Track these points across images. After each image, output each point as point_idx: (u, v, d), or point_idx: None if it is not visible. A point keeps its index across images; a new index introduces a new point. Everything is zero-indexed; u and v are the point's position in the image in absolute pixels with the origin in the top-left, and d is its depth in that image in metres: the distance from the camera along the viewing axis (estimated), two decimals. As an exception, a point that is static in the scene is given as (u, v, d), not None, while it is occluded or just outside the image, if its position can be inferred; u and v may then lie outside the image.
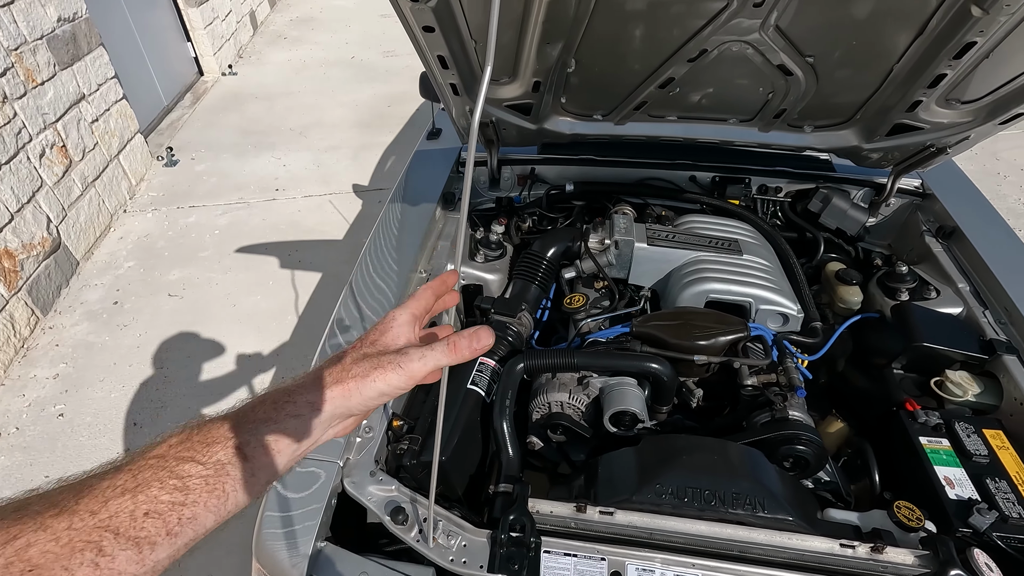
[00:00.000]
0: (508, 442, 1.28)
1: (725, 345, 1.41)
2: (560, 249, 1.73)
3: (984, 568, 1.03)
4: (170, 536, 0.46)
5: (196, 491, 0.49)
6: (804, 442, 1.24)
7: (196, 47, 5.93)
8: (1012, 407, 1.33)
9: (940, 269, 1.64)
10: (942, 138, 1.52)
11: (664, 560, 1.06)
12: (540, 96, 1.59)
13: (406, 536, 1.11)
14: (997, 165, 4.46)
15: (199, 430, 0.52)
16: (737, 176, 1.93)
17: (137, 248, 3.65)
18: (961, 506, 1.14)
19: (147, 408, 2.60)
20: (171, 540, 0.46)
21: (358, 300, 1.53)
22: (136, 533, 0.45)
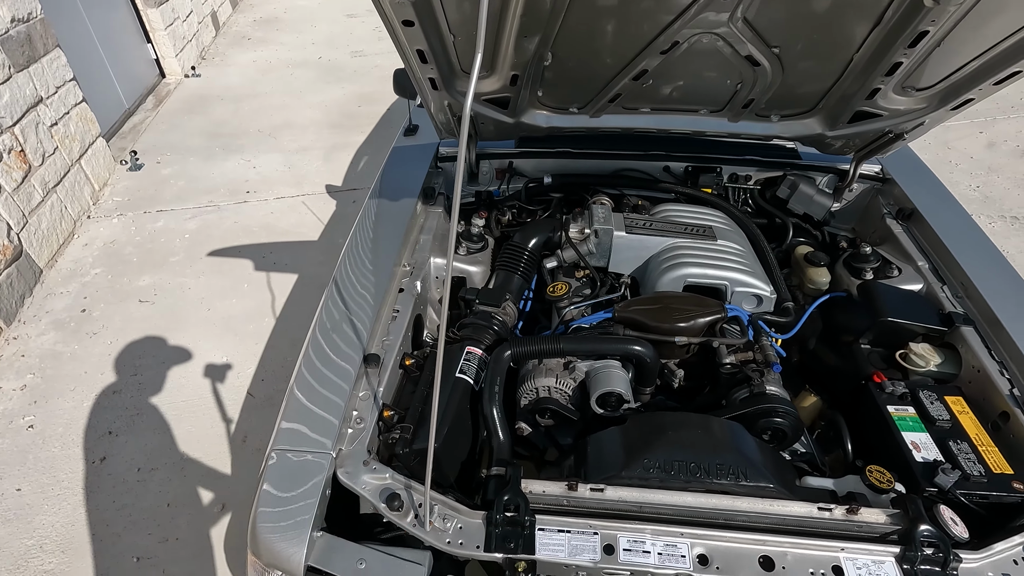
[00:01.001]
0: (498, 426, 1.31)
1: (704, 326, 1.47)
2: (541, 240, 1.77)
3: (950, 522, 1.10)
4: None
5: None
6: (781, 415, 1.30)
7: (157, 48, 5.78)
8: (970, 374, 1.41)
9: (901, 249, 1.73)
10: (899, 124, 1.61)
11: (654, 531, 1.10)
12: (518, 90, 1.62)
13: (402, 522, 1.13)
14: (949, 154, 4.67)
15: None
16: (709, 165, 1.99)
17: (104, 254, 3.55)
18: (927, 468, 1.22)
19: (122, 416, 2.53)
20: None
21: (343, 295, 1.53)
22: None
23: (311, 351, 1.39)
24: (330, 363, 1.35)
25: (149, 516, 2.15)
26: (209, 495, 2.22)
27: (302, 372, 1.34)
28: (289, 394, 1.30)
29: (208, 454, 2.37)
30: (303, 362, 1.37)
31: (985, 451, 1.25)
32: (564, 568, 1.10)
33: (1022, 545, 1.07)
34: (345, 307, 1.49)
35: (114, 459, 2.36)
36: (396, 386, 1.44)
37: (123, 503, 2.20)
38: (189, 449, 2.40)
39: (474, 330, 1.53)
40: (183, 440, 2.43)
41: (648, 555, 1.08)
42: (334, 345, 1.39)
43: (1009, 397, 1.30)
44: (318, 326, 1.44)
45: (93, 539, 2.09)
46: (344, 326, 1.44)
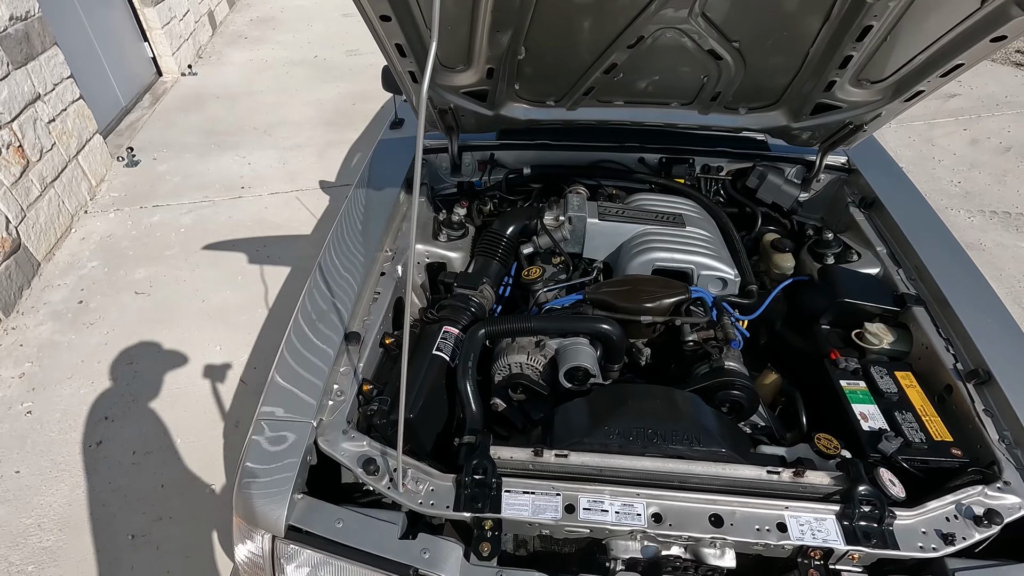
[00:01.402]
0: (471, 399, 1.38)
1: (669, 307, 1.54)
2: (519, 227, 1.84)
3: (888, 483, 1.18)
4: None
5: None
6: (739, 387, 1.38)
7: (154, 47, 5.86)
8: (920, 351, 1.49)
9: (862, 235, 1.81)
10: (858, 116, 1.68)
11: (613, 492, 1.18)
12: (495, 83, 1.70)
13: (378, 484, 1.20)
14: (933, 151, 4.76)
15: None
16: (682, 157, 2.07)
17: (100, 248, 3.63)
18: (873, 436, 1.29)
19: (118, 403, 2.61)
20: None
21: (327, 278, 1.60)
22: None
23: (295, 331, 1.46)
24: (313, 341, 1.43)
25: (144, 497, 2.23)
26: (202, 477, 2.30)
27: (286, 350, 1.42)
28: (274, 370, 1.37)
29: (201, 438, 2.45)
30: (287, 341, 1.44)
31: (928, 421, 1.32)
32: (528, 526, 1.18)
33: (955, 504, 1.15)
34: (328, 289, 1.57)
35: (110, 443, 2.44)
36: (376, 363, 1.51)
37: (118, 484, 2.28)
38: (183, 434, 2.47)
39: (452, 311, 1.60)
40: (177, 425, 2.51)
41: (606, 514, 1.15)
42: (317, 324, 1.47)
43: (953, 371, 1.38)
44: (302, 307, 1.52)
45: (90, 518, 2.17)
46: (327, 307, 1.51)
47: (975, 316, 1.45)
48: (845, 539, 1.10)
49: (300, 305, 1.52)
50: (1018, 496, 1.15)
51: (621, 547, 1.16)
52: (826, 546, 1.10)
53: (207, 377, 2.72)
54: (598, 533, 1.17)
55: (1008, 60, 6.53)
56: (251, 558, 1.22)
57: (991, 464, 1.21)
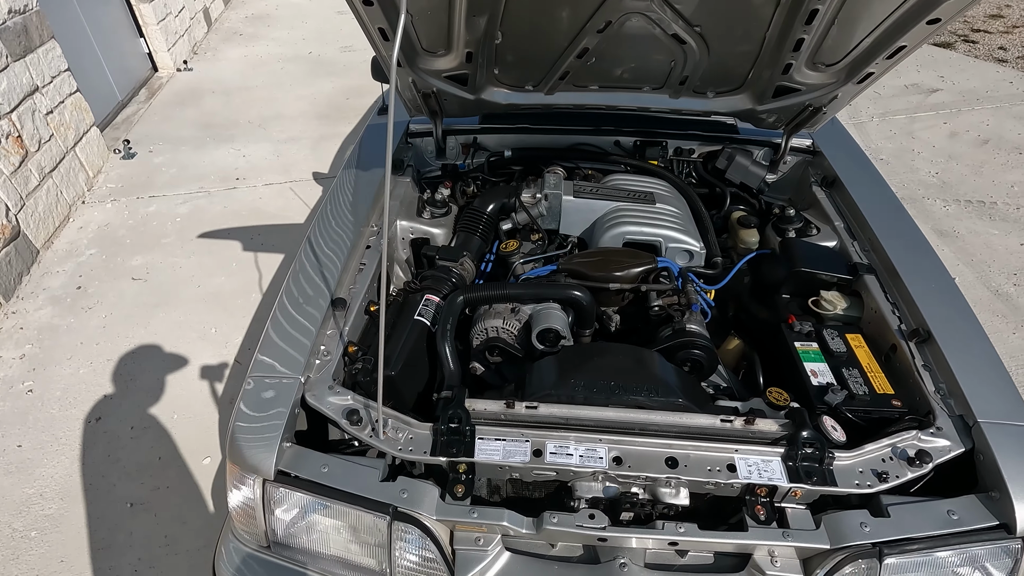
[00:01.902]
0: (449, 358, 1.48)
1: (638, 275, 1.65)
2: (498, 204, 1.94)
3: (830, 429, 1.29)
4: None
5: None
6: (699, 347, 1.48)
7: (149, 43, 5.93)
8: (870, 315, 1.60)
9: (823, 212, 1.91)
10: (817, 98, 1.79)
11: (577, 438, 1.27)
12: (474, 67, 1.79)
13: (360, 433, 1.30)
14: (913, 143, 4.87)
15: None
16: (655, 140, 2.17)
17: (98, 237, 3.71)
18: (821, 389, 1.40)
19: (117, 381, 2.70)
20: None
21: (315, 250, 1.70)
22: None
23: (285, 296, 1.56)
24: (301, 306, 1.52)
25: (142, 468, 2.32)
26: (198, 450, 2.39)
27: (277, 314, 1.51)
28: (265, 332, 1.47)
29: (197, 414, 2.54)
30: (278, 306, 1.54)
31: (873, 377, 1.43)
32: (499, 470, 1.27)
33: (890, 447, 1.25)
34: (317, 260, 1.66)
35: (109, 419, 2.52)
36: (361, 329, 1.61)
37: (117, 457, 2.37)
38: (180, 410, 2.56)
39: (434, 281, 1.70)
40: (174, 402, 2.60)
41: (571, 457, 1.25)
42: (306, 290, 1.56)
43: (897, 332, 1.48)
44: (292, 275, 1.61)
45: (90, 488, 2.26)
46: (315, 275, 1.61)
47: (920, 283, 1.56)
48: (788, 478, 1.20)
49: (290, 274, 1.61)
50: (948, 440, 1.25)
51: (585, 488, 1.25)
52: (771, 484, 1.20)
53: (203, 357, 2.81)
54: (564, 475, 1.27)
55: (991, 56, 6.66)
56: (244, 502, 1.31)
57: (928, 414, 1.32)
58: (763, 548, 1.19)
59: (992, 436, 1.22)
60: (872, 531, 1.15)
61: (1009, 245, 3.63)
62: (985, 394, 1.30)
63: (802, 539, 1.17)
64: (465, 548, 1.23)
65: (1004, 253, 3.56)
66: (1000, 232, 3.76)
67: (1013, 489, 1.16)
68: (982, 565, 1.18)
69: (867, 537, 1.14)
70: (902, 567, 1.16)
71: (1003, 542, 1.15)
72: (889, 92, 5.78)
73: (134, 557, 2.04)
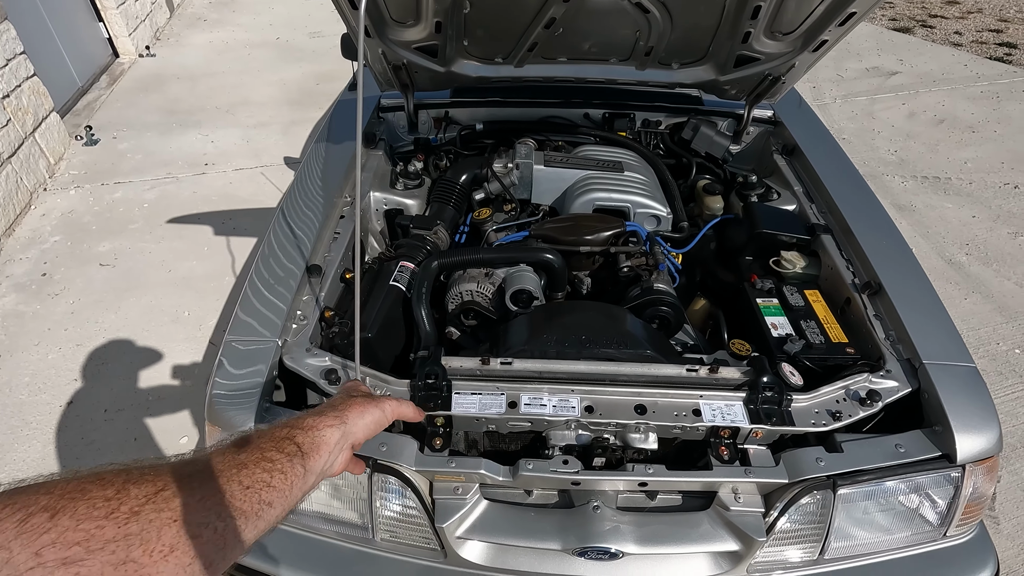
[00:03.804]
0: (425, 320, 1.51)
1: (607, 239, 1.70)
2: (470, 175, 1.97)
3: (788, 374, 1.36)
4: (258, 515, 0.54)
5: (278, 474, 0.57)
6: (666, 304, 1.54)
7: (109, 27, 5.76)
8: (827, 272, 1.68)
9: (783, 178, 1.99)
10: (775, 67, 1.86)
11: (551, 390, 1.32)
12: (444, 38, 1.81)
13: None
14: (873, 123, 5.04)
15: (268, 430, 0.63)
16: (623, 112, 2.23)
17: (62, 224, 3.62)
18: (780, 340, 1.47)
19: (88, 366, 2.66)
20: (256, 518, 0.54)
21: (289, 220, 1.71)
22: (240, 505, 0.53)
23: (260, 264, 1.57)
24: (276, 273, 1.54)
25: (117, 449, 2.30)
26: (175, 429, 2.38)
27: (253, 280, 1.52)
28: (242, 296, 1.48)
29: (173, 395, 2.52)
30: (253, 272, 1.55)
31: (829, 327, 1.51)
32: (476, 422, 1.31)
33: (844, 389, 1.33)
34: (291, 230, 1.67)
35: (81, 403, 2.49)
36: (337, 296, 1.63)
37: (91, 439, 2.34)
38: (154, 392, 2.54)
39: (408, 249, 1.73)
40: (149, 384, 2.57)
41: (544, 407, 1.30)
42: (280, 259, 1.57)
43: (851, 285, 1.57)
44: (266, 242, 1.62)
45: (64, 469, 2.23)
46: (289, 244, 1.62)
47: (872, 240, 1.64)
48: (750, 419, 1.27)
49: (264, 241, 1.62)
50: (896, 381, 1.34)
51: (558, 436, 1.30)
52: (734, 426, 1.27)
53: (176, 340, 2.79)
54: (538, 426, 1.31)
55: (947, 41, 6.90)
56: (224, 463, 1.33)
57: (878, 358, 1.40)
58: (727, 485, 1.26)
59: (936, 376, 1.31)
60: (827, 465, 1.23)
61: (962, 217, 3.80)
62: (930, 339, 1.38)
63: (763, 475, 1.24)
64: (444, 497, 1.27)
65: (957, 225, 3.73)
66: (954, 205, 3.93)
67: (954, 423, 1.24)
68: (926, 492, 1.27)
69: (822, 471, 1.22)
70: (854, 496, 1.24)
71: (945, 471, 1.24)
72: (851, 75, 5.95)
73: (112, 535, 2.03)
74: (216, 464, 0.54)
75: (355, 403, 0.74)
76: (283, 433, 0.63)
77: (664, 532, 1.27)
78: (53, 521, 0.42)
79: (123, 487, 0.47)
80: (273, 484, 0.56)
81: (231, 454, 0.57)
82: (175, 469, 0.52)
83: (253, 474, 0.55)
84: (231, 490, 0.53)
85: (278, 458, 0.59)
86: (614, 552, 1.23)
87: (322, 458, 0.64)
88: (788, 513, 1.23)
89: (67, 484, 0.46)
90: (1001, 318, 3.00)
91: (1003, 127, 4.91)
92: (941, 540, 1.32)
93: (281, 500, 0.57)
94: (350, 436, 0.71)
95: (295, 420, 0.67)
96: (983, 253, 3.49)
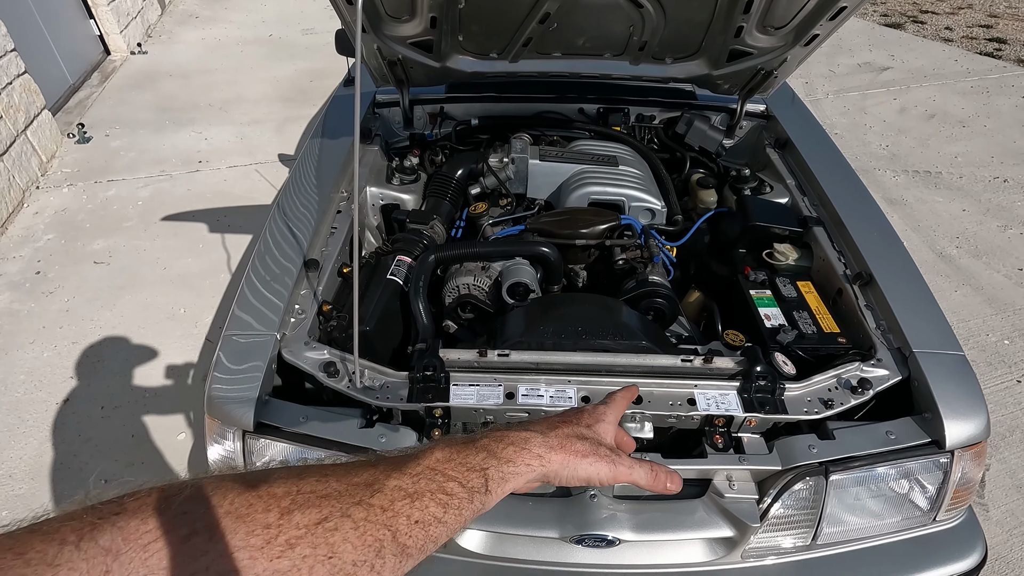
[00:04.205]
0: (422, 314, 1.52)
1: (602, 232, 1.71)
2: (466, 170, 1.99)
3: (781, 363, 1.38)
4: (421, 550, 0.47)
5: (452, 510, 0.49)
6: (661, 296, 1.56)
7: (100, 25, 5.72)
8: (819, 264, 1.70)
9: (776, 171, 2.01)
10: (768, 62, 1.87)
11: (548, 381, 1.34)
12: (439, 33, 1.82)
13: (338, 385, 1.33)
14: (865, 118, 5.07)
15: (460, 451, 0.54)
16: (618, 107, 2.24)
17: (56, 222, 3.61)
18: (774, 331, 1.49)
19: (84, 363, 2.65)
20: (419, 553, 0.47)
21: (286, 215, 1.72)
22: (405, 540, 0.46)
23: (257, 259, 1.57)
24: (274, 268, 1.54)
25: (115, 446, 2.30)
26: (172, 426, 2.38)
27: (250, 275, 1.53)
28: (240, 292, 1.49)
29: (170, 392, 2.52)
30: (250, 268, 1.55)
31: (821, 318, 1.53)
32: (474, 413, 1.33)
33: (836, 377, 1.35)
34: (287, 225, 1.68)
35: (78, 400, 2.49)
36: (335, 290, 1.64)
37: (88, 436, 2.34)
38: (151, 389, 2.54)
39: (405, 243, 1.74)
40: (145, 381, 2.57)
41: (542, 398, 1.31)
42: (277, 254, 1.58)
43: (843, 276, 1.59)
44: (263, 239, 1.63)
45: (61, 467, 2.23)
46: (287, 239, 1.63)
47: (863, 231, 1.66)
48: (744, 408, 1.29)
49: (261, 237, 1.63)
50: (887, 370, 1.36)
51: (555, 426, 1.32)
52: (728, 414, 1.29)
53: (172, 337, 2.79)
54: (535, 416, 1.33)
55: (937, 36, 6.95)
56: (224, 455, 1.33)
57: (870, 348, 1.42)
58: (722, 473, 1.28)
59: (925, 364, 1.33)
60: (819, 452, 1.25)
61: (952, 211, 3.84)
62: (920, 328, 1.41)
63: (756, 462, 1.26)
64: (443, 487, 1.29)
65: (948, 218, 3.77)
66: (944, 199, 3.97)
67: (943, 410, 1.27)
68: (916, 478, 1.29)
69: (814, 457, 1.24)
70: (845, 482, 1.26)
71: (934, 456, 1.27)
72: (843, 71, 5.99)
73: (111, 531, 2.04)
74: (387, 490, 0.47)
75: (576, 447, 0.60)
76: (476, 461, 0.54)
77: (660, 519, 1.29)
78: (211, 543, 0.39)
79: (287, 513, 0.42)
80: (445, 520, 0.49)
81: (404, 477, 0.49)
82: (340, 494, 0.46)
83: (426, 508, 0.48)
84: (397, 525, 0.46)
85: (458, 492, 0.50)
86: (611, 539, 1.25)
87: (503, 495, 0.55)
88: (781, 499, 1.25)
89: (236, 498, 0.42)
90: (991, 310, 3.04)
91: (993, 122, 4.95)
92: (931, 525, 1.35)
93: (446, 535, 0.50)
94: (543, 479, 0.59)
95: (494, 440, 0.57)
96: (973, 246, 3.53)
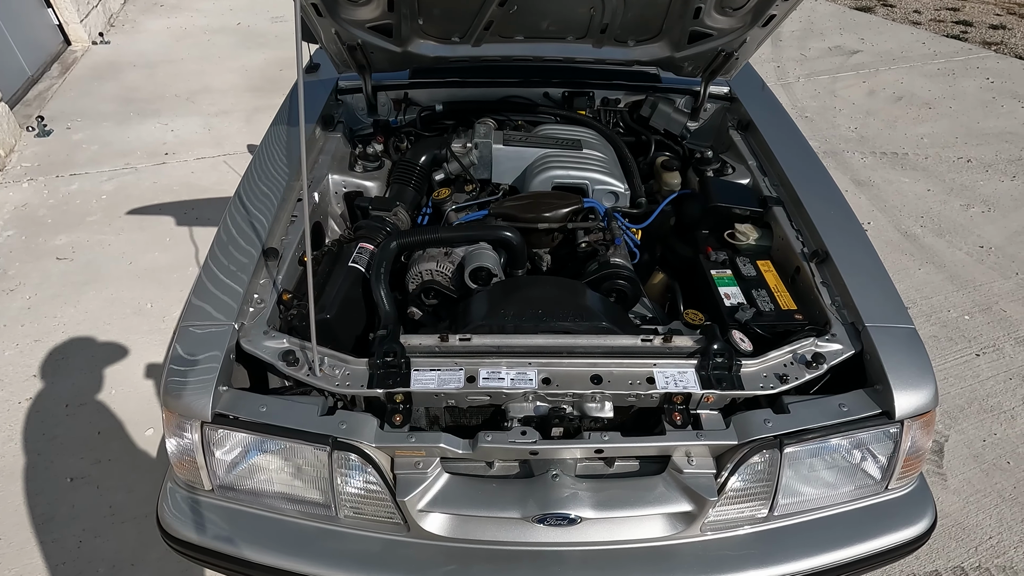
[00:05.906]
0: (384, 300, 1.51)
1: (565, 215, 1.72)
2: (430, 156, 1.97)
3: (738, 341, 1.40)
4: None
5: None
6: (623, 277, 1.57)
7: (59, 14, 5.54)
8: (778, 243, 1.73)
9: (738, 153, 2.03)
10: (728, 43, 1.88)
11: (508, 363, 1.34)
12: (398, 16, 1.79)
13: (297, 373, 1.32)
14: (835, 101, 5.14)
15: None
16: (583, 91, 2.24)
17: (15, 218, 3.51)
18: (732, 309, 1.51)
19: (48, 361, 2.60)
20: None
21: (245, 206, 1.69)
22: None
23: (216, 248, 1.55)
24: (232, 256, 1.52)
25: (81, 443, 2.26)
26: (140, 421, 2.35)
27: (208, 264, 1.51)
28: (196, 282, 1.47)
29: (137, 388, 2.48)
30: (208, 257, 1.53)
31: (779, 296, 1.56)
32: (435, 397, 1.33)
33: (791, 353, 1.37)
34: (247, 213, 1.65)
35: (41, 399, 2.44)
36: (295, 279, 1.62)
37: (54, 434, 2.30)
38: (117, 386, 2.50)
39: (367, 230, 1.72)
40: (112, 378, 2.53)
41: (503, 380, 1.32)
42: (236, 242, 1.56)
43: (801, 254, 1.61)
44: (223, 226, 1.60)
45: (26, 466, 2.19)
46: (246, 228, 1.60)
47: (821, 211, 1.69)
48: (701, 385, 1.31)
49: (220, 225, 1.60)
50: (841, 344, 1.39)
51: (517, 408, 1.33)
52: (686, 391, 1.31)
53: (139, 332, 2.74)
54: (497, 399, 1.34)
55: (906, 19, 7.04)
56: (182, 448, 1.32)
57: (825, 323, 1.45)
58: (680, 449, 1.30)
59: (877, 337, 1.36)
60: (774, 425, 1.28)
61: (917, 191, 3.92)
62: (872, 302, 1.44)
63: (713, 438, 1.28)
64: (406, 472, 1.29)
65: (913, 198, 3.85)
66: (910, 180, 4.05)
67: (893, 381, 1.30)
68: (868, 448, 1.33)
69: (770, 431, 1.27)
70: (800, 454, 1.29)
71: (885, 427, 1.30)
72: (814, 54, 6.05)
73: (78, 528, 2.01)
74: None
75: None
76: None
77: (620, 496, 1.30)
78: None
79: None
80: None
81: None
82: None
83: None
84: None
85: None
86: (572, 518, 1.27)
87: None
88: (738, 473, 1.28)
89: None
90: (952, 286, 3.12)
91: (958, 103, 5.05)
92: (883, 493, 1.39)
93: None
94: None
95: None
96: (936, 225, 3.60)
